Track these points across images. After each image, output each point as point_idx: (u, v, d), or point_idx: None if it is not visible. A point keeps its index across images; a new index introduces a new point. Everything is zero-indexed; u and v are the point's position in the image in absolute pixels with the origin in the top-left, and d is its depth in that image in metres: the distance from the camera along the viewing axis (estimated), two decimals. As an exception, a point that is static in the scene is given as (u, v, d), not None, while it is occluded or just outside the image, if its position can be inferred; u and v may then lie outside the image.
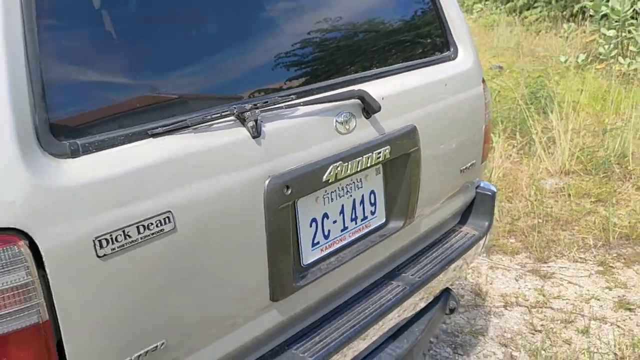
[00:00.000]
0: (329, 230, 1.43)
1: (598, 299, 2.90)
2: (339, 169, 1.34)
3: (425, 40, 1.78)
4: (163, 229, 1.03)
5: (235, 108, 1.15)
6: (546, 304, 2.87)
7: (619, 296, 2.92)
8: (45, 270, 0.90)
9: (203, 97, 1.17)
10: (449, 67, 1.79)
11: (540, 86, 6.18)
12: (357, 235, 1.52)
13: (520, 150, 4.88)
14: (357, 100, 1.39)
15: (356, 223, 1.51)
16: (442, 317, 2.01)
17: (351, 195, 1.48)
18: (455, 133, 1.78)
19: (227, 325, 1.23)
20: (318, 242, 1.41)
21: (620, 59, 7.39)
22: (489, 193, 2.04)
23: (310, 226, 1.37)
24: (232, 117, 1.15)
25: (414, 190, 1.61)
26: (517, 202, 3.96)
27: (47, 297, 0.92)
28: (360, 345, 1.54)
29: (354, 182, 1.47)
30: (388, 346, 1.70)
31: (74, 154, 0.95)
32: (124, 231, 0.98)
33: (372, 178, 1.53)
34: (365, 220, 1.55)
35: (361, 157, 1.40)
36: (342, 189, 1.45)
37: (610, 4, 7.99)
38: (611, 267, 3.20)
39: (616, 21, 7.93)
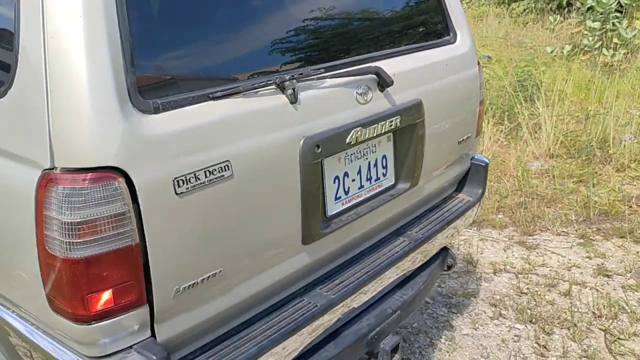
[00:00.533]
0: (348, 187, 1.67)
1: (579, 267, 3.17)
2: (358, 133, 1.58)
3: (429, 25, 2.02)
4: (223, 175, 1.26)
5: (277, 78, 1.38)
6: (531, 270, 3.14)
7: (597, 264, 3.19)
8: (137, 203, 1.13)
9: (254, 67, 1.40)
10: (449, 50, 2.03)
11: (527, 75, 6.45)
12: (371, 194, 1.76)
13: (508, 135, 5.14)
14: (373, 75, 1.62)
15: (370, 182, 1.75)
16: (441, 272, 2.26)
17: (367, 158, 1.72)
18: (454, 108, 2.02)
19: (267, 262, 1.46)
20: (340, 197, 1.64)
21: (605, 50, 7.64)
22: (483, 164, 2.29)
23: (334, 182, 1.61)
24: (274, 86, 1.38)
25: (419, 156, 1.85)
26: (505, 181, 4.22)
27: (139, 225, 1.14)
28: (373, 289, 1.79)
29: (369, 147, 1.71)
30: (396, 293, 1.95)
31: (156, 110, 1.18)
32: (195, 174, 1.21)
33: (384, 144, 1.77)
34: (378, 181, 1.78)
35: (376, 125, 1.64)
36: (360, 152, 1.68)
37: (596, -5, 8.25)
38: (591, 239, 3.48)
39: (601, 14, 8.20)
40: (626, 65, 7.32)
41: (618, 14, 8.22)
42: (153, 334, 1.25)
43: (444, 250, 2.22)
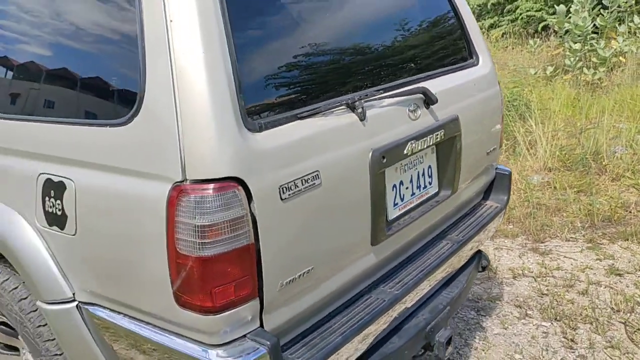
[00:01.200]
0: (403, 194, 1.88)
1: (591, 268, 3.39)
2: (413, 145, 1.80)
3: (456, 50, 2.26)
4: (314, 183, 1.46)
5: (348, 99, 1.60)
6: (548, 273, 3.35)
7: (608, 265, 3.41)
8: (253, 207, 1.33)
9: (328, 91, 1.62)
10: (474, 71, 2.27)
11: (517, 95, 6.78)
12: (420, 200, 1.96)
13: (506, 152, 5.42)
14: (421, 94, 1.85)
15: (420, 190, 1.96)
16: (477, 273, 2.46)
17: (416, 169, 1.93)
18: (483, 122, 2.26)
19: (345, 261, 1.65)
20: (397, 203, 1.85)
21: (585, 69, 8.03)
22: (506, 173, 2.52)
23: (392, 190, 1.82)
24: (345, 106, 1.60)
25: (457, 166, 2.07)
26: (512, 195, 4.45)
27: (253, 227, 1.33)
28: (426, 286, 1.98)
29: (418, 158, 1.93)
30: (444, 291, 2.14)
31: (260, 129, 1.38)
32: (294, 182, 1.40)
33: (429, 155, 1.99)
34: (425, 189, 2.00)
35: (425, 138, 1.86)
36: (411, 163, 1.90)
37: (572, 20, 8.69)
38: (599, 243, 3.71)
39: (579, 35, 8.63)
40: (607, 82, 7.70)
41: (594, 35, 8.66)
42: (261, 325, 1.42)
43: (478, 253, 2.42)
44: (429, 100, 1.87)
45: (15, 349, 2.13)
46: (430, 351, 2.03)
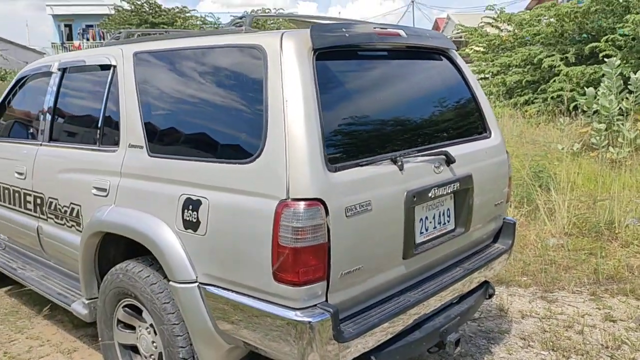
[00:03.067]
0: (427, 226, 2.60)
1: (590, 315, 3.96)
2: (436, 191, 2.54)
3: (473, 125, 3.03)
4: (367, 208, 2.21)
5: (391, 156, 2.37)
6: (552, 316, 3.93)
7: (605, 313, 3.98)
8: (328, 219, 2.08)
9: (378, 149, 2.40)
10: (487, 142, 3.03)
11: (542, 168, 7.43)
12: (440, 233, 2.68)
13: (527, 217, 6.05)
14: (443, 155, 2.61)
15: (440, 225, 2.68)
16: (484, 299, 3.11)
17: (438, 209, 2.66)
18: (492, 180, 2.99)
19: (383, 266, 2.37)
20: (422, 232, 2.57)
21: (611, 148, 8.60)
22: (512, 222, 3.22)
23: (419, 222, 2.54)
24: (389, 160, 2.37)
25: (469, 211, 2.79)
26: (528, 252, 5.08)
27: (328, 231, 2.08)
28: (441, 298, 2.66)
29: (440, 201, 2.66)
30: (456, 305, 2.82)
31: (335, 170, 2.15)
32: (355, 206, 2.16)
33: (448, 200, 2.72)
34: (444, 225, 2.71)
35: (445, 186, 2.60)
36: (434, 204, 2.63)
37: (600, 102, 9.38)
38: (600, 296, 4.28)
39: (605, 116, 9.28)
40: (631, 161, 8.24)
41: (620, 117, 9.28)
42: (326, 299, 2.15)
43: (486, 283, 3.09)
44: (449, 160, 2.63)
45: (132, 327, 2.88)
46: (442, 348, 2.68)
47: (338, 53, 2.40)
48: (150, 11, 32.51)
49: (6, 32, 34.62)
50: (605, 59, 10.07)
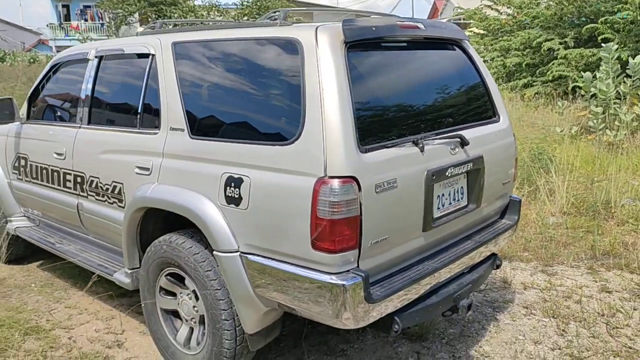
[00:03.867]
0: (443, 203, 2.88)
1: (587, 287, 4.27)
2: (452, 170, 2.81)
3: (484, 110, 3.30)
4: (393, 185, 2.49)
5: (414, 139, 2.64)
6: (552, 288, 4.24)
7: (601, 285, 4.29)
8: (360, 195, 2.35)
9: (402, 133, 2.66)
10: (496, 126, 3.30)
11: (541, 150, 7.70)
12: (455, 208, 2.96)
13: (527, 197, 6.34)
14: (458, 139, 2.88)
15: (455, 202, 2.96)
16: (492, 269, 3.41)
17: (453, 187, 2.93)
18: (500, 161, 3.26)
19: (406, 237, 2.65)
20: (439, 207, 2.85)
21: (608, 131, 8.86)
22: (517, 200, 3.50)
23: (437, 198, 2.82)
24: (411, 143, 2.64)
25: (480, 188, 3.07)
26: (529, 229, 5.38)
27: (360, 205, 2.36)
28: (455, 267, 2.95)
29: (455, 180, 2.93)
30: (468, 274, 3.11)
31: (366, 151, 2.42)
32: (383, 183, 2.43)
33: (462, 179, 2.99)
34: (458, 202, 2.99)
35: (460, 166, 2.88)
36: (450, 182, 2.90)
37: (597, 86, 9.63)
38: (597, 270, 4.59)
39: (603, 100, 9.53)
40: (628, 144, 8.51)
41: (617, 100, 9.53)
42: (358, 266, 2.43)
43: (494, 255, 3.38)
44: (463, 142, 2.90)
45: (173, 294, 3.17)
46: (456, 312, 2.98)
47: (366, 44, 2.65)
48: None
49: None
50: (603, 44, 10.29)
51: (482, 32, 17.39)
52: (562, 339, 3.51)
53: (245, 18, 28.92)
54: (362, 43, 2.61)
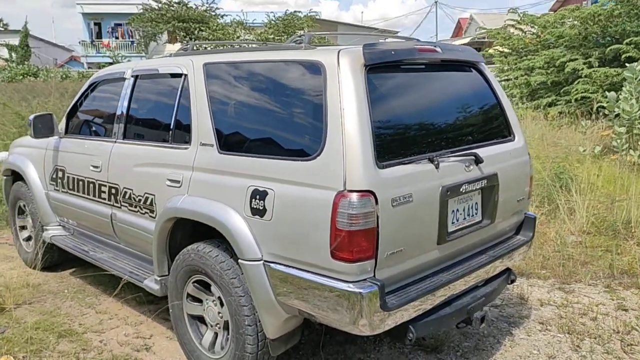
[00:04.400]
0: (458, 218, 3.00)
1: (604, 304, 4.32)
2: (466, 187, 2.95)
3: (499, 130, 3.43)
4: (409, 200, 2.63)
5: (429, 156, 2.78)
6: (568, 305, 4.30)
7: (618, 303, 4.33)
8: (377, 208, 2.50)
9: (418, 150, 2.81)
10: (511, 145, 3.42)
11: (563, 169, 7.74)
12: (469, 223, 3.08)
13: (547, 216, 6.39)
14: (473, 156, 3.01)
15: (469, 217, 3.08)
16: (507, 284, 3.51)
17: (468, 203, 3.06)
18: (515, 179, 3.38)
19: (421, 250, 2.78)
20: (454, 222, 2.98)
21: (632, 151, 8.84)
22: (532, 217, 3.60)
23: (452, 213, 2.95)
24: (427, 160, 2.78)
25: (495, 205, 3.19)
26: (548, 247, 5.44)
27: (377, 218, 2.51)
28: (469, 280, 3.07)
29: (469, 196, 3.06)
30: (482, 288, 3.22)
31: (383, 167, 2.57)
32: (399, 197, 2.58)
33: (476, 195, 3.12)
34: (472, 217, 3.12)
35: (474, 183, 3.01)
36: (464, 198, 3.03)
37: (621, 106, 9.62)
38: (614, 289, 4.63)
39: (627, 120, 9.52)
40: (651, 164, 8.47)
41: (642, 121, 9.49)
42: (374, 275, 2.57)
43: (508, 270, 3.49)
44: (478, 160, 3.03)
45: (200, 301, 3.34)
46: (469, 324, 3.09)
47: (385, 67, 2.82)
48: (178, 9, 33.21)
49: (32, 28, 35.67)
50: (627, 63, 10.30)
51: (506, 50, 17.45)
52: (576, 354, 3.57)
53: (272, 37, 29.46)
54: (382, 65, 2.78)
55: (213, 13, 33.37)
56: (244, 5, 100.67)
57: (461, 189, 2.93)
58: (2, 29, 48.74)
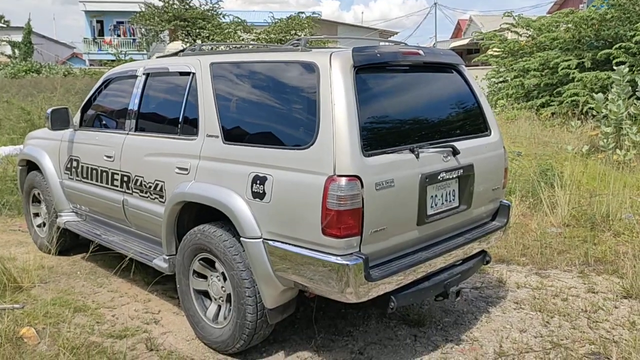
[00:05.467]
0: (436, 202, 3.37)
1: (575, 288, 4.69)
2: (443, 175, 3.31)
3: (477, 125, 3.80)
4: (391, 185, 3.00)
5: (410, 147, 3.15)
6: (543, 288, 4.67)
7: (589, 288, 4.70)
8: (362, 191, 2.87)
9: (400, 141, 3.18)
10: (487, 139, 3.79)
11: (549, 166, 8.10)
12: (447, 208, 3.45)
13: (531, 208, 6.76)
14: (450, 148, 3.38)
15: (447, 202, 3.45)
16: (482, 264, 3.88)
17: (445, 189, 3.43)
18: (490, 169, 3.75)
19: (402, 229, 3.15)
20: (432, 206, 3.34)
21: (618, 150, 9.20)
22: (507, 204, 3.98)
23: (430, 198, 3.31)
24: (408, 150, 3.15)
25: (471, 192, 3.56)
26: (528, 237, 5.81)
27: (362, 200, 2.87)
28: (446, 259, 3.44)
29: (447, 183, 3.42)
30: (458, 266, 3.59)
31: (368, 156, 2.94)
32: (382, 182, 2.95)
33: (453, 183, 3.48)
34: (449, 203, 3.48)
35: (451, 172, 3.37)
36: (442, 185, 3.39)
37: (609, 107, 9.99)
38: (587, 274, 5.00)
39: (614, 120, 9.88)
40: (636, 163, 8.82)
41: (628, 121, 9.86)
42: (359, 250, 2.94)
43: (484, 252, 3.86)
44: (455, 151, 3.40)
45: (204, 277, 3.70)
46: (446, 297, 3.46)
47: (372, 68, 3.18)
48: (180, 7, 33.52)
49: (33, 25, 35.88)
50: (615, 67, 10.67)
51: (501, 53, 17.82)
52: (545, 329, 3.94)
53: (273, 37, 29.75)
54: (369, 67, 3.14)
55: (215, 12, 33.70)
56: (244, 4, 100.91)
57: (439, 177, 3.30)
58: (5, 26, 49.15)
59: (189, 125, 3.78)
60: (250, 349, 3.56)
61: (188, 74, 3.86)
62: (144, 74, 4.31)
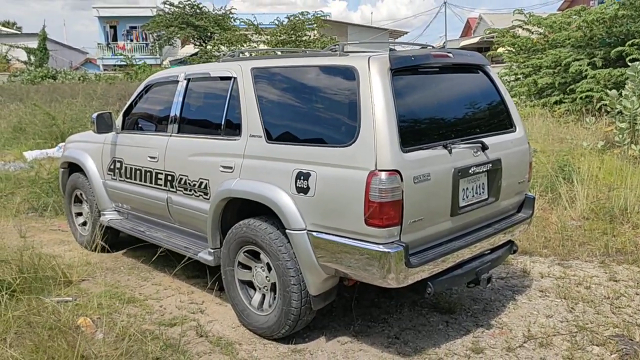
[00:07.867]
0: (468, 195, 3.60)
1: (597, 277, 4.89)
2: (475, 169, 3.55)
3: (503, 122, 4.02)
4: (428, 179, 3.24)
5: (443, 143, 3.39)
6: (566, 277, 4.88)
7: (610, 276, 4.90)
8: (402, 184, 3.11)
9: (434, 138, 3.42)
10: (513, 135, 4.02)
11: (566, 162, 8.28)
12: (477, 200, 3.68)
13: (550, 203, 6.95)
14: (480, 144, 3.61)
15: (477, 195, 3.68)
16: (509, 253, 4.10)
17: (476, 183, 3.65)
18: (516, 164, 3.97)
19: (437, 219, 3.39)
20: (464, 198, 3.57)
21: (633, 145, 9.34)
22: (532, 197, 4.20)
23: (462, 191, 3.54)
24: (441, 147, 3.39)
25: (499, 185, 3.79)
26: (549, 230, 6.01)
27: (402, 192, 3.11)
28: (477, 248, 3.66)
29: (477, 177, 3.65)
30: (489, 255, 3.82)
31: (407, 151, 3.18)
32: (420, 176, 3.19)
33: (483, 177, 3.71)
34: (479, 195, 3.71)
35: (481, 166, 3.61)
36: (473, 179, 3.62)
37: (623, 103, 10.14)
38: (608, 264, 5.20)
39: (628, 116, 10.01)
40: (652, 157, 8.94)
41: (643, 116, 9.98)
42: (400, 239, 3.18)
43: (511, 241, 4.08)
44: (484, 147, 3.63)
45: (249, 268, 3.96)
46: (478, 284, 3.69)
47: (407, 70, 3.42)
48: (192, 13, 33.98)
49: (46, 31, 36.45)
50: (629, 63, 10.81)
51: (513, 50, 17.96)
52: (570, 315, 4.16)
53: (282, 38, 30.04)
54: (404, 69, 3.38)
55: (228, 17, 34.10)
56: (252, 6, 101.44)
57: (470, 171, 3.53)
58: (17, 32, 49.93)
59: (232, 127, 4.04)
60: (294, 335, 3.80)
61: (229, 78, 4.12)
62: (185, 79, 4.57)
